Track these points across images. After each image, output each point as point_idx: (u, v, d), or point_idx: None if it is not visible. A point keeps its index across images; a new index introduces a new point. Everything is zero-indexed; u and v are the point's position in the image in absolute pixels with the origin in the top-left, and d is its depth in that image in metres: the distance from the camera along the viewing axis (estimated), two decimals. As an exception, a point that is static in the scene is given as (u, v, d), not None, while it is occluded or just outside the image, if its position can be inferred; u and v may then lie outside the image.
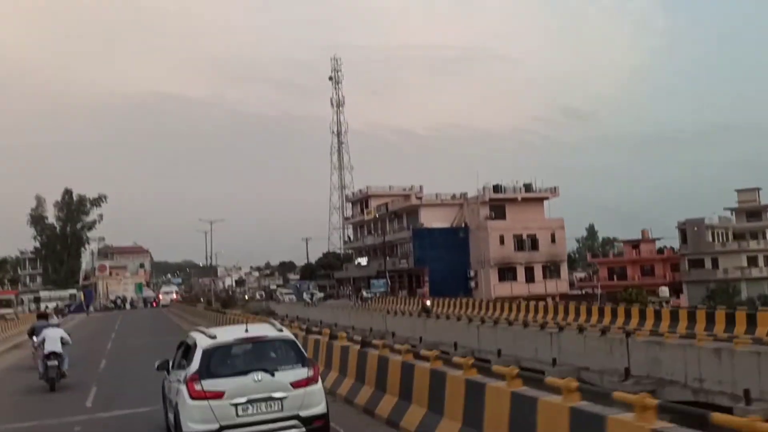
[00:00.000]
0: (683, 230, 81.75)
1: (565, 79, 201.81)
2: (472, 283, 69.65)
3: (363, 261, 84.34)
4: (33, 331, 19.38)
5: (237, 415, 8.21)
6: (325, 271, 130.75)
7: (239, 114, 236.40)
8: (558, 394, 6.51)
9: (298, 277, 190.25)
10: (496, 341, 24.08)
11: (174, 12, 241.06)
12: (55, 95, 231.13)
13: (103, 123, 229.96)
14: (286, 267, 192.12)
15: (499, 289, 67.46)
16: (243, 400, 8.22)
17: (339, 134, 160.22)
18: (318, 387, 8.78)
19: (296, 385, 8.49)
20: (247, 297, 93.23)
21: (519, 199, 70.30)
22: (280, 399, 8.36)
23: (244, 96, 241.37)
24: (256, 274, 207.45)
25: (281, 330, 9.34)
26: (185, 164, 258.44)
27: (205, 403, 8.19)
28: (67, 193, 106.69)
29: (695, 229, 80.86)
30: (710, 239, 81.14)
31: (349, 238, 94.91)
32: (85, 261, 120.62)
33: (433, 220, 71.46)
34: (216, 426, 8.13)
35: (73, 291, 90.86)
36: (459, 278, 69.38)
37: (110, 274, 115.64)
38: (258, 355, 8.89)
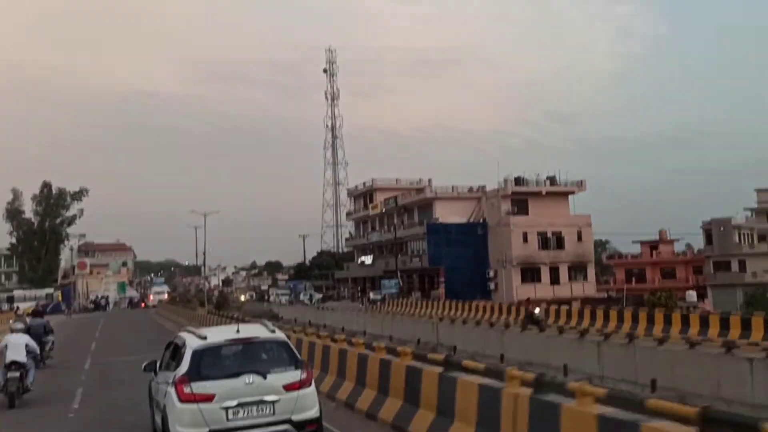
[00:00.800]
0: (708, 230, 76.47)
1: (548, 83, 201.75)
2: (492, 285, 63.75)
3: (367, 259, 78.16)
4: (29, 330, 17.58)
5: (227, 419, 7.92)
6: (319, 271, 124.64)
7: (222, 113, 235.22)
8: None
9: (286, 277, 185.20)
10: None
11: (157, 10, 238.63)
12: (36, 92, 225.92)
13: (84, 120, 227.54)
14: (272, 267, 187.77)
15: (521, 291, 61.52)
16: (234, 403, 7.93)
17: (333, 128, 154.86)
18: (311, 390, 8.52)
19: (289, 388, 8.24)
20: (243, 298, 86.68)
21: (543, 193, 64.50)
22: (272, 402, 8.09)
23: (228, 95, 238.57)
24: (243, 273, 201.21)
25: (273, 331, 9.10)
26: (168, 163, 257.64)
27: (194, 406, 7.88)
28: (46, 186, 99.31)
29: (721, 229, 75.55)
30: (737, 240, 76.02)
31: (350, 234, 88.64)
32: (65, 258, 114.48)
33: (448, 214, 65.50)
34: (206, 430, 7.86)
35: (50, 290, 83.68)
36: (477, 279, 63.51)
37: (90, 272, 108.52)
38: (250, 357, 8.61)
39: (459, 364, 8.98)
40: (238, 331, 8.86)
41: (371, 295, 65.62)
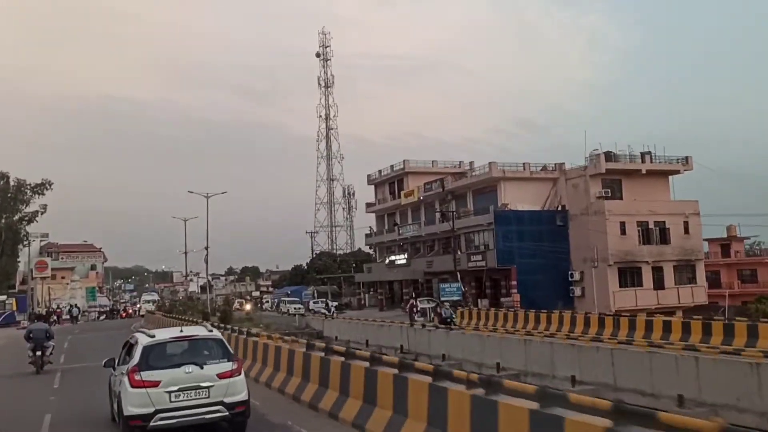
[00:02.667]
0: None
1: (520, 91, 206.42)
2: (577, 290, 49.54)
3: (400, 258, 63.44)
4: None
5: (170, 400, 9.57)
6: (318, 275, 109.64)
7: (197, 118, 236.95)
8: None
9: (269, 283, 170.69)
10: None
11: (125, 14, 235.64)
12: (6, 94, 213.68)
13: (55, 123, 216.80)
14: (251, 272, 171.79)
15: (619, 298, 47.54)
16: (175, 388, 9.60)
17: (327, 118, 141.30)
18: (240, 378, 10.19)
19: (222, 376, 9.90)
20: (249, 307, 71.48)
21: (644, 171, 50.53)
22: (208, 388, 9.77)
23: (202, 100, 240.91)
24: (223, 279, 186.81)
25: (211, 331, 11.07)
26: (140, 168, 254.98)
27: (143, 390, 9.55)
28: (3, 177, 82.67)
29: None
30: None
31: (371, 230, 73.73)
32: (24, 261, 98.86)
33: (515, 200, 51.25)
34: (152, 409, 9.48)
35: (3, 297, 67.49)
36: (556, 282, 49.44)
37: (53, 276, 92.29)
38: (190, 352, 10.30)
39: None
40: (181, 330, 11.19)
41: (416, 302, 50.94)
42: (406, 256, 62.57)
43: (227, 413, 9.83)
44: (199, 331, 11.24)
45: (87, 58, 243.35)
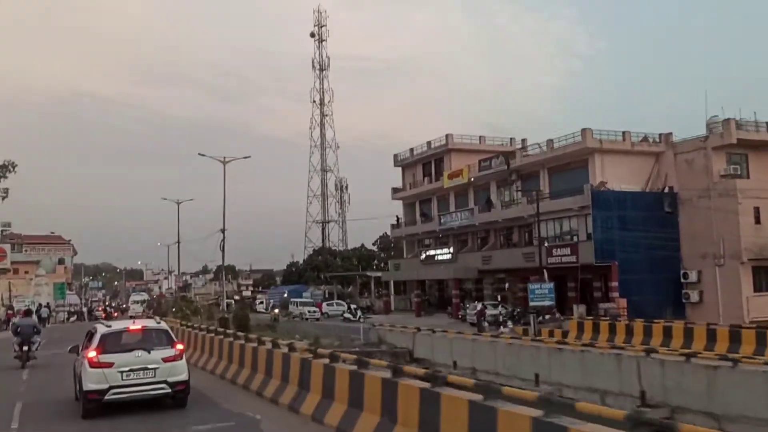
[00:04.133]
0: None
1: (490, 96, 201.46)
2: (693, 294, 38.76)
3: (442, 253, 52.24)
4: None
5: (122, 379, 11.60)
6: (316, 273, 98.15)
7: (162, 115, 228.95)
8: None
9: (250, 282, 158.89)
10: None
11: (90, 8, 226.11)
12: None
13: (17, 119, 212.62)
14: (228, 270, 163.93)
15: (754, 305, 36.86)
16: (126, 369, 11.62)
17: (322, 103, 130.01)
18: (182, 362, 12.27)
19: (166, 360, 11.94)
20: (270, 311, 59.99)
21: (777, 143, 39.95)
22: (154, 369, 11.79)
23: (169, 97, 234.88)
24: (202, 278, 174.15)
25: (159, 323, 13.75)
26: (104, 165, 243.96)
27: (99, 370, 11.56)
28: (-42, 156, 69.40)
29: None
30: None
31: (397, 220, 62.14)
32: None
33: (612, 179, 40.34)
34: (107, 386, 11.51)
35: (-50, 294, 55.26)
36: (665, 284, 38.74)
37: (15, 270, 79.73)
38: (141, 339, 12.42)
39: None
40: (134, 322, 13.44)
41: (479, 307, 39.69)
42: (451, 250, 51.32)
43: (170, 390, 11.96)
44: (148, 323, 13.78)
45: (51, 52, 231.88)
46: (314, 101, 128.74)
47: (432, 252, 53.68)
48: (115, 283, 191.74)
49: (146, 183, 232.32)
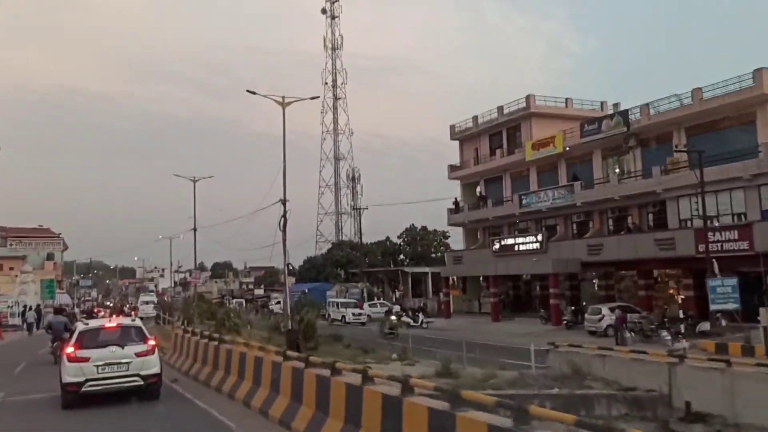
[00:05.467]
0: None
1: (482, 94, 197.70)
2: None
3: (527, 242, 41.83)
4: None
5: (98, 372, 12.36)
6: (338, 269, 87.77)
7: (154, 112, 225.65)
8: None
9: (251, 280, 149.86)
10: None
11: (81, 6, 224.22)
12: None
13: (5, 114, 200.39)
14: (220, 267, 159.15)
15: None
16: (102, 363, 12.41)
17: (334, 86, 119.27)
18: (154, 357, 13.05)
19: (138, 354, 12.72)
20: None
21: None
22: (127, 363, 12.56)
23: (159, 94, 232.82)
24: (204, 275, 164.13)
25: (134, 320, 14.64)
26: (95, 162, 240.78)
27: (77, 364, 12.38)
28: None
29: None
30: None
31: (455, 204, 51.49)
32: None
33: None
34: (83, 378, 12.27)
35: None
36: None
37: (-1, 267, 70.26)
38: (115, 336, 13.12)
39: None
40: (110, 320, 14.80)
41: (609, 312, 29.39)
42: (539, 238, 40.91)
43: (142, 383, 12.64)
44: (123, 320, 14.66)
45: (43, 50, 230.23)
46: (326, 83, 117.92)
47: (510, 241, 43.24)
48: (107, 281, 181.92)
49: (138, 180, 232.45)
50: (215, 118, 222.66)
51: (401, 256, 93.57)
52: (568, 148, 39.89)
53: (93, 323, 14.43)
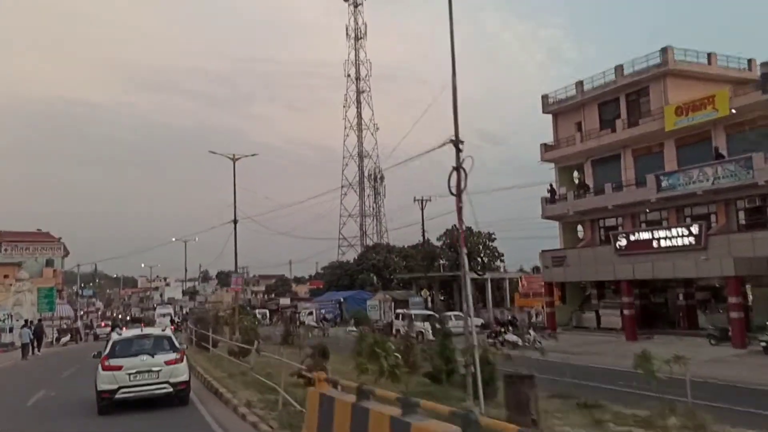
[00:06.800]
0: None
1: (480, 103, 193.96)
2: None
3: (677, 236, 31.80)
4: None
5: (130, 380, 13.11)
6: (374, 275, 78.34)
7: (154, 122, 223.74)
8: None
9: (262, 288, 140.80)
10: None
11: (78, 15, 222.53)
12: None
13: (5, 125, 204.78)
14: (227, 276, 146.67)
15: None
16: (134, 371, 13.16)
17: (357, 78, 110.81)
18: (183, 364, 13.79)
19: (168, 362, 13.45)
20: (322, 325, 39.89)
21: None
22: (157, 371, 13.28)
23: (159, 104, 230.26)
24: (213, 284, 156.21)
25: (164, 330, 15.42)
26: (95, 172, 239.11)
27: (110, 372, 13.14)
28: None
29: None
30: None
31: (551, 191, 41.36)
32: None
33: None
34: (116, 386, 13.03)
35: None
36: None
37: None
38: (147, 345, 13.93)
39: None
40: (141, 330, 15.64)
41: None
42: (695, 230, 30.89)
43: (171, 390, 13.37)
44: (154, 330, 15.85)
45: (40, 59, 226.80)
46: (348, 75, 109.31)
47: (645, 236, 33.23)
48: (108, 291, 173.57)
49: (138, 190, 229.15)
50: (214, 127, 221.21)
51: (443, 261, 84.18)
52: (734, 110, 29.96)
53: (125, 333, 15.22)
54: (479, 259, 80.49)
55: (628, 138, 35.97)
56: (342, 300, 69.06)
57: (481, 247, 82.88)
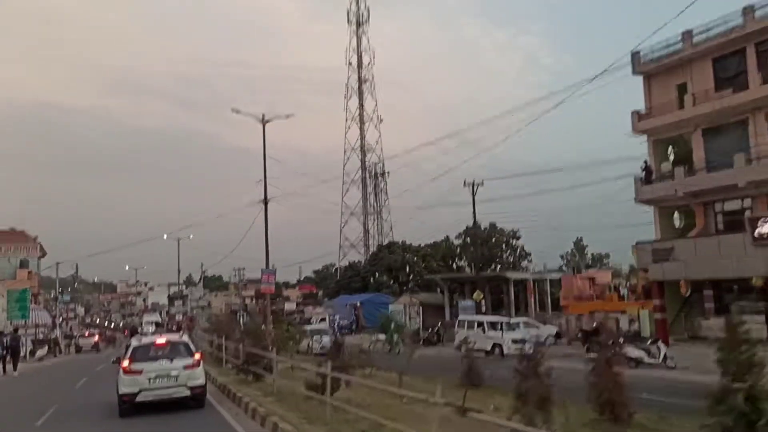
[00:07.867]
0: None
1: (458, 108, 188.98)
2: None
3: None
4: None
5: (149, 383, 14.04)
6: (389, 276, 70.68)
7: (130, 126, 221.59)
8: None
9: (252, 294, 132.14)
10: None
11: (52, 17, 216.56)
12: None
13: None
14: (211, 282, 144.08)
15: None
16: (153, 375, 14.09)
17: (360, 66, 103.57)
18: (200, 369, 14.74)
19: (186, 367, 14.37)
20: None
21: None
22: (176, 375, 14.22)
23: (136, 108, 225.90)
24: (201, 289, 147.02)
25: (182, 336, 16.73)
26: (71, 177, 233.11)
27: (131, 376, 14.12)
28: None
29: None
30: None
31: (645, 170, 33.57)
32: None
33: None
34: (137, 389, 14.00)
35: None
36: None
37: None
38: (165, 351, 14.75)
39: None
40: (160, 337, 16.22)
41: None
42: None
43: (188, 393, 14.29)
44: (172, 337, 16.48)
45: (17, 64, 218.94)
46: (350, 63, 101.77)
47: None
48: (86, 297, 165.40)
49: (117, 195, 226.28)
50: (192, 131, 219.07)
51: (462, 261, 76.99)
52: None
53: (145, 339, 16.24)
54: (505, 259, 73.21)
55: (758, 98, 28.40)
56: (358, 304, 61.00)
57: (504, 246, 75.55)
